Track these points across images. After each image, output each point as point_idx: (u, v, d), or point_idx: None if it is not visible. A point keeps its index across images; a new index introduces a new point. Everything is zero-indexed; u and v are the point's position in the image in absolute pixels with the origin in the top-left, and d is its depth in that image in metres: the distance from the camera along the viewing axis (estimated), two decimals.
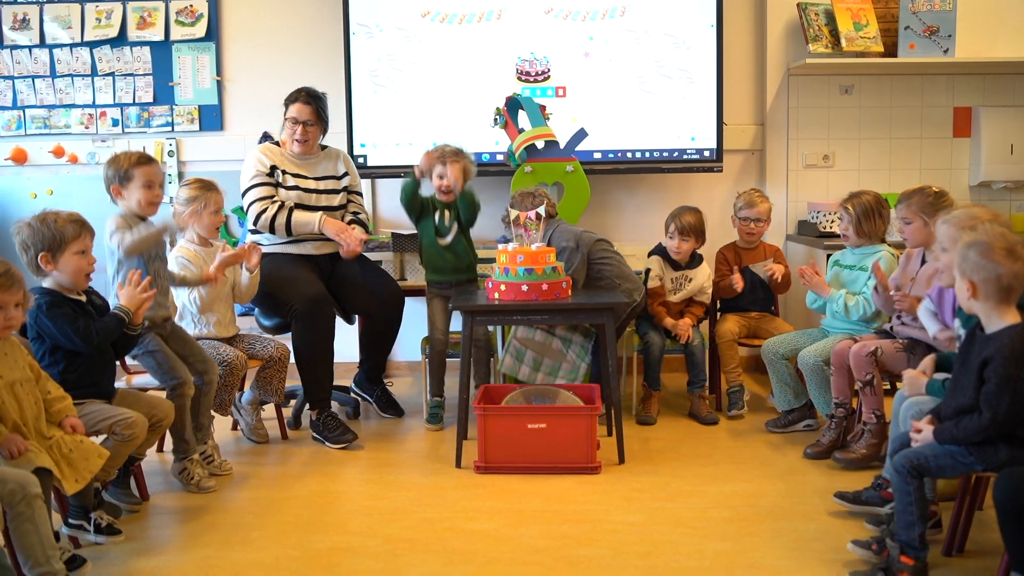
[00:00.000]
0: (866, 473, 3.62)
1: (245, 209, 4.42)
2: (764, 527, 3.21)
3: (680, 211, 4.63)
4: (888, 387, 3.90)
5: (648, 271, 4.65)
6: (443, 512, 3.41)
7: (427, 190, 4.51)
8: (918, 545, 2.70)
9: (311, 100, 4.43)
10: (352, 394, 4.79)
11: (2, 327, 2.75)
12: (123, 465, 3.43)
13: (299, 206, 4.41)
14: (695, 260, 4.68)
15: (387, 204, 5.47)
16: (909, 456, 2.71)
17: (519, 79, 5.22)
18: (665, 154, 5.26)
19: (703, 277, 4.66)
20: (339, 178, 4.59)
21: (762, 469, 3.83)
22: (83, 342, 3.13)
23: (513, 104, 4.89)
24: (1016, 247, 2.60)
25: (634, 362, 4.67)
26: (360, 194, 4.73)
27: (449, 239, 4.46)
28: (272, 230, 4.37)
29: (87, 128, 5.55)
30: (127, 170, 3.57)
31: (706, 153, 5.26)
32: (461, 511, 3.43)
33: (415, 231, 4.90)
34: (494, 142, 5.17)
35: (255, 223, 4.38)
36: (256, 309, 4.54)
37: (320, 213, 4.41)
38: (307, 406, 4.36)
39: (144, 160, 3.62)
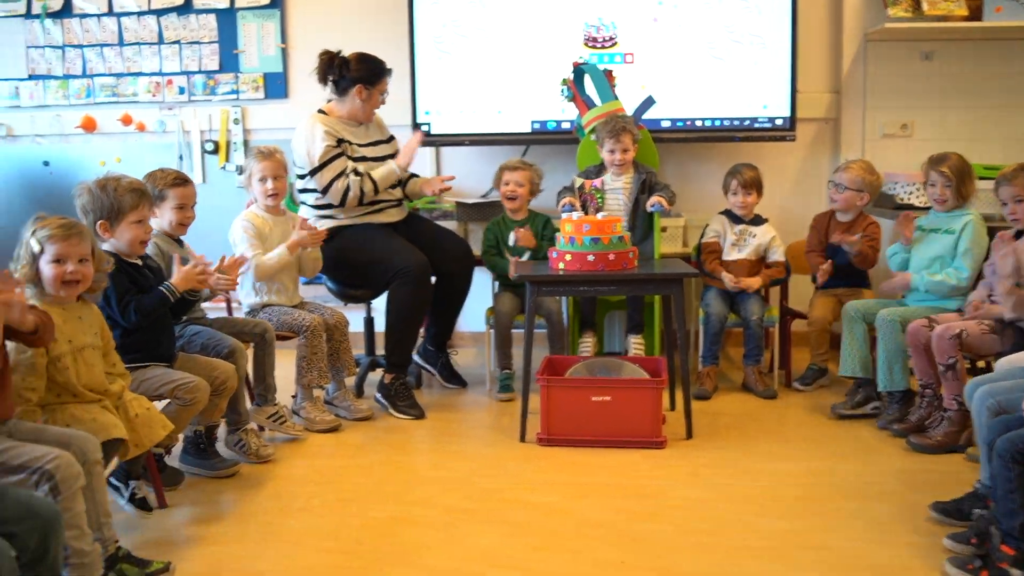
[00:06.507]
0: (943, 458, 3.50)
1: (321, 189, 4.30)
2: (835, 507, 3.10)
3: (738, 167, 4.58)
4: (969, 366, 3.75)
5: (706, 227, 4.64)
6: (504, 483, 3.37)
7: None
8: (1019, 535, 2.51)
9: None
10: (415, 364, 4.76)
11: (64, 280, 2.71)
12: (206, 434, 3.49)
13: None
14: (757, 219, 4.61)
15: (450, 172, 5.38)
16: (1014, 440, 2.53)
17: (586, 45, 5.10)
18: (736, 122, 5.11)
19: (768, 236, 4.56)
20: (387, 141, 4.58)
21: (833, 447, 3.71)
22: (120, 315, 3.13)
23: (578, 73, 4.77)
24: None
25: (700, 335, 4.57)
26: None
27: (525, 257, 4.48)
28: (361, 202, 4.32)
29: (154, 96, 5.57)
30: (162, 189, 3.58)
31: (778, 122, 5.09)
32: (522, 483, 3.38)
33: (480, 200, 4.89)
34: (560, 110, 5.07)
35: (342, 202, 4.28)
36: (323, 276, 4.52)
37: (390, 161, 4.39)
38: (378, 370, 4.37)
39: (180, 181, 3.62)
